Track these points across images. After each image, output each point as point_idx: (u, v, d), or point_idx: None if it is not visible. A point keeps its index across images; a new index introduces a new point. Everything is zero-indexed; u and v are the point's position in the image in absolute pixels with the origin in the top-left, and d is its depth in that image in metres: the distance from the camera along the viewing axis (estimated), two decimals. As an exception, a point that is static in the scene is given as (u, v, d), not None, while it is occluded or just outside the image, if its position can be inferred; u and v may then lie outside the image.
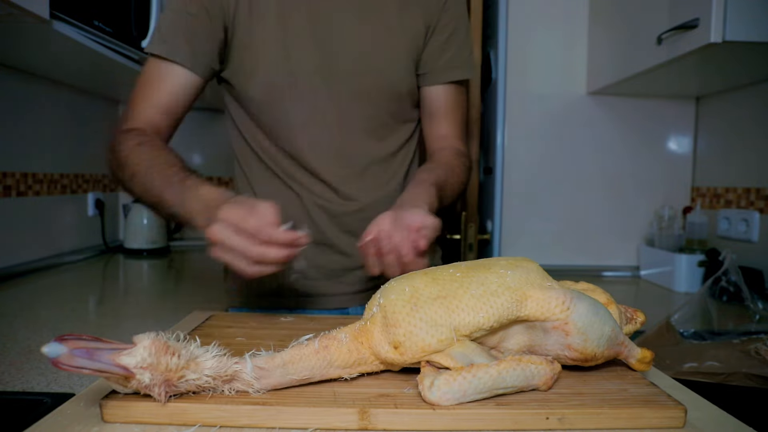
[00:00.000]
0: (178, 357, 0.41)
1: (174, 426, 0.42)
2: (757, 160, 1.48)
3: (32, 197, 1.49)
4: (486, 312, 0.46)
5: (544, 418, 0.42)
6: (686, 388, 0.52)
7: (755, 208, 1.46)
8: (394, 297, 0.47)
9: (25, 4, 0.88)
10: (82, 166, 1.78)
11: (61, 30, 1.03)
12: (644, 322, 0.59)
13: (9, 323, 0.92)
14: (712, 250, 1.47)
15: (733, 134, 1.59)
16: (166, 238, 1.94)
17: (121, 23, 1.29)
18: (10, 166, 1.40)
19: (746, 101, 1.52)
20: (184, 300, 1.17)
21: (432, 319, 0.46)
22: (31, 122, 1.48)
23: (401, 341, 0.46)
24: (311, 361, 0.46)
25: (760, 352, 0.79)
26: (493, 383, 0.43)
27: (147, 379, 0.40)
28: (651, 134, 1.75)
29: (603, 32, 1.63)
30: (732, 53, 1.17)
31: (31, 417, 0.45)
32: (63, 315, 0.98)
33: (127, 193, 0.78)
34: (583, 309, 0.47)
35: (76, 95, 1.72)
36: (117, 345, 0.40)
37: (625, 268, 1.74)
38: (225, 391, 0.44)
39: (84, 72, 1.48)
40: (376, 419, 0.42)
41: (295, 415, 0.42)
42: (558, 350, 0.48)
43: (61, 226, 1.65)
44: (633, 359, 0.51)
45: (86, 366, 0.38)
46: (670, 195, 1.77)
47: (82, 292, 1.25)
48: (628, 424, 0.43)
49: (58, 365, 0.37)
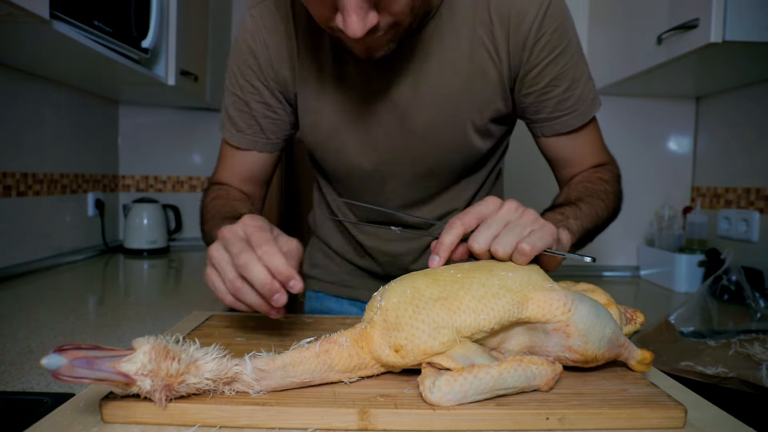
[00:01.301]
0: (179, 362, 0.41)
1: (174, 426, 0.42)
2: (757, 160, 1.48)
3: (32, 197, 1.49)
4: (487, 314, 0.46)
5: (544, 418, 0.42)
6: (686, 388, 0.52)
7: (755, 208, 1.46)
8: (396, 300, 0.47)
9: (25, 4, 0.88)
10: (82, 166, 1.78)
11: (61, 30, 1.03)
12: (644, 323, 0.59)
13: (9, 323, 0.92)
14: (712, 250, 1.47)
15: (733, 134, 1.59)
16: (166, 238, 1.94)
17: (121, 23, 1.29)
18: (10, 166, 1.40)
19: (746, 101, 1.52)
20: (184, 300, 1.17)
21: (434, 321, 0.46)
22: (31, 122, 1.48)
23: (403, 344, 0.46)
24: (312, 365, 0.46)
25: (754, 359, 0.79)
26: (494, 384, 0.43)
27: (148, 386, 0.40)
28: (651, 134, 1.75)
29: (603, 32, 1.63)
30: (732, 53, 1.17)
31: (31, 417, 0.45)
32: (63, 315, 0.98)
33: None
34: (584, 311, 0.47)
35: (76, 95, 1.72)
36: (116, 351, 0.40)
37: (625, 268, 1.75)
38: (225, 392, 0.44)
39: (84, 72, 1.47)
40: (376, 419, 0.42)
41: (295, 416, 0.42)
42: (559, 351, 0.48)
43: (61, 226, 1.65)
44: (633, 360, 0.51)
45: (87, 376, 0.38)
46: (670, 195, 1.77)
47: (82, 292, 1.25)
48: (628, 424, 0.43)
49: (58, 377, 0.37)
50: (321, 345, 0.47)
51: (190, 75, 1.71)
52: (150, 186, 2.18)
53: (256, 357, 0.45)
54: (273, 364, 0.44)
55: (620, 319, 0.54)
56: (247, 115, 0.83)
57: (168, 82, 1.59)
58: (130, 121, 2.11)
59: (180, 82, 1.63)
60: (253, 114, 0.82)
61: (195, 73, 1.75)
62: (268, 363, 0.44)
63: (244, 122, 0.83)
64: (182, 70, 1.64)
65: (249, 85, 0.81)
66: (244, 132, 0.84)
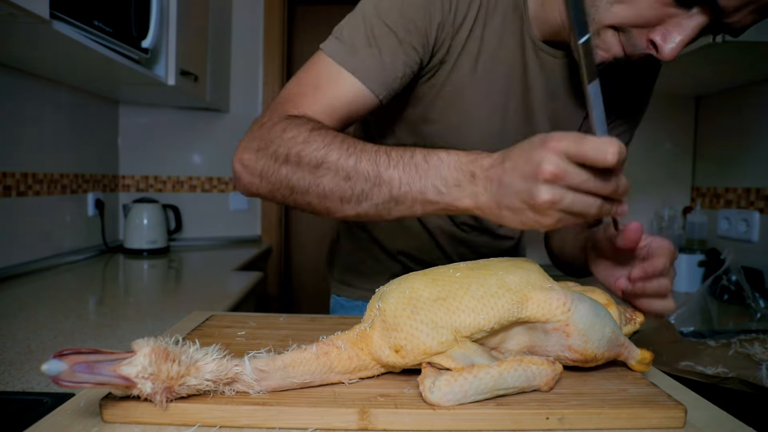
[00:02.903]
0: (179, 364, 0.41)
1: (174, 426, 0.42)
2: (757, 160, 1.48)
3: (32, 197, 1.49)
4: (486, 314, 0.46)
5: (544, 418, 0.42)
6: (686, 388, 0.52)
7: (755, 208, 1.46)
8: (394, 300, 0.47)
9: (25, 4, 0.88)
10: (82, 166, 1.78)
11: (61, 30, 1.03)
12: (643, 323, 0.59)
13: (9, 323, 0.92)
14: (712, 250, 1.47)
15: (733, 134, 1.59)
16: (166, 238, 1.94)
17: (121, 23, 1.29)
18: (10, 166, 1.40)
19: (746, 101, 1.52)
20: (184, 300, 1.17)
21: (433, 321, 0.45)
22: (31, 122, 1.48)
23: (402, 345, 0.46)
24: (312, 366, 0.46)
25: (754, 359, 0.79)
26: (494, 384, 0.43)
27: (149, 389, 0.40)
28: (651, 134, 1.75)
29: (603, 32, 1.63)
30: (732, 53, 1.17)
31: (31, 417, 0.45)
32: (63, 315, 0.98)
33: (284, 189, 0.60)
34: (584, 311, 0.47)
35: (76, 95, 1.72)
36: (116, 355, 0.40)
37: (625, 268, 1.74)
38: (226, 393, 0.44)
39: (84, 72, 1.47)
40: (376, 419, 0.42)
41: (295, 415, 0.42)
42: (558, 351, 0.48)
43: (61, 226, 1.65)
44: (633, 360, 0.51)
45: (88, 380, 0.38)
46: (670, 195, 1.77)
47: (82, 292, 1.25)
48: (628, 424, 0.43)
49: (59, 382, 0.37)
50: (319, 347, 0.47)
51: (190, 75, 1.71)
52: (150, 186, 2.18)
53: (256, 357, 0.45)
54: (273, 364, 0.44)
55: (620, 319, 0.54)
56: (392, 54, 0.66)
57: (168, 82, 1.59)
58: (130, 121, 2.11)
59: (180, 82, 1.63)
60: (399, 56, 0.67)
61: (195, 73, 1.75)
62: (268, 363, 0.44)
63: (386, 60, 0.66)
64: (182, 70, 1.64)
65: (413, 26, 0.66)
66: (380, 70, 0.66)
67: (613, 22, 0.60)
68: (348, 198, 0.56)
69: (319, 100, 0.65)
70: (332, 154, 0.56)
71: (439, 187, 0.52)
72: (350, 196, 0.56)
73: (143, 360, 0.40)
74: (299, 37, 2.68)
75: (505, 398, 0.44)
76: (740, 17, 0.56)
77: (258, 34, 2.27)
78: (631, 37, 0.61)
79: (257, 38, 2.28)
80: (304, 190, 0.58)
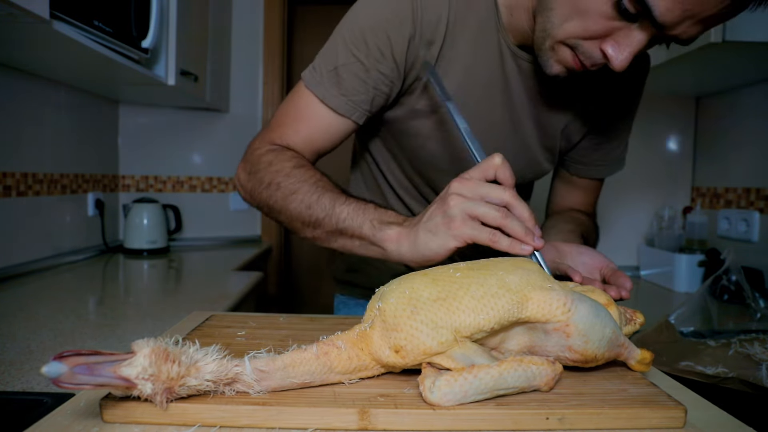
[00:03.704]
0: (179, 364, 0.41)
1: (174, 426, 0.42)
2: (757, 160, 1.48)
3: (32, 197, 1.49)
4: (486, 314, 0.46)
5: (544, 418, 0.42)
6: (686, 388, 0.52)
7: (755, 208, 1.47)
8: (393, 300, 0.47)
9: (25, 4, 0.88)
10: (82, 166, 1.78)
11: (61, 30, 1.03)
12: (643, 323, 0.59)
13: (9, 323, 0.92)
14: (712, 250, 1.47)
15: (733, 134, 1.59)
16: (166, 238, 1.94)
17: (121, 23, 1.29)
18: (10, 166, 1.40)
19: (746, 101, 1.52)
20: (184, 300, 1.17)
21: (433, 322, 0.45)
22: (31, 122, 1.48)
23: (402, 345, 0.46)
24: (312, 366, 0.46)
25: (754, 359, 0.79)
26: (494, 384, 0.43)
27: (149, 390, 0.40)
28: (651, 134, 1.75)
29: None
30: (732, 53, 1.17)
31: (31, 417, 0.45)
32: (63, 315, 0.98)
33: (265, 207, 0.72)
34: (584, 311, 0.47)
35: (76, 95, 1.72)
36: (116, 356, 0.40)
37: (625, 268, 1.74)
38: (226, 393, 0.44)
39: (84, 72, 1.48)
40: (376, 419, 0.42)
41: (295, 415, 0.42)
42: (558, 351, 0.48)
43: (61, 226, 1.65)
44: (633, 360, 0.51)
45: (88, 382, 0.38)
46: (670, 195, 1.77)
47: (82, 292, 1.25)
48: (628, 424, 0.43)
49: (59, 384, 0.37)
50: (319, 347, 0.47)
51: (190, 75, 1.71)
52: (150, 186, 2.18)
53: (256, 358, 0.45)
54: (273, 364, 0.44)
55: (620, 319, 0.54)
56: (359, 81, 0.72)
57: (168, 82, 1.59)
58: (130, 121, 2.12)
59: (180, 82, 1.63)
60: (367, 82, 0.73)
61: (195, 73, 1.75)
62: (268, 364, 0.44)
63: (353, 87, 0.72)
64: (182, 70, 1.64)
65: (379, 53, 0.71)
66: (349, 96, 0.73)
67: (564, 38, 0.64)
68: (307, 223, 0.68)
69: (299, 131, 0.75)
70: (303, 188, 0.68)
71: (374, 223, 0.63)
72: (309, 222, 0.68)
73: (143, 361, 0.40)
74: (299, 37, 2.68)
75: (505, 398, 0.44)
76: (683, 29, 0.57)
77: (258, 34, 2.27)
78: (585, 50, 0.63)
79: (257, 38, 2.28)
80: (278, 210, 0.70)
